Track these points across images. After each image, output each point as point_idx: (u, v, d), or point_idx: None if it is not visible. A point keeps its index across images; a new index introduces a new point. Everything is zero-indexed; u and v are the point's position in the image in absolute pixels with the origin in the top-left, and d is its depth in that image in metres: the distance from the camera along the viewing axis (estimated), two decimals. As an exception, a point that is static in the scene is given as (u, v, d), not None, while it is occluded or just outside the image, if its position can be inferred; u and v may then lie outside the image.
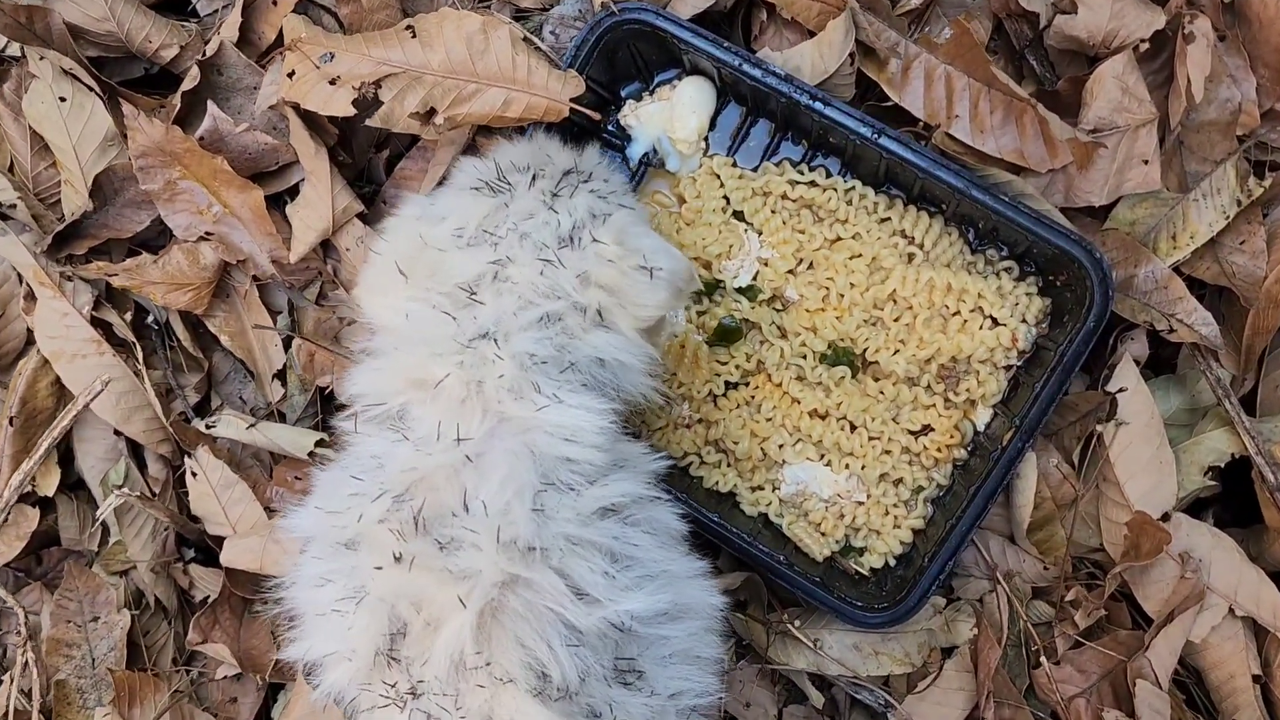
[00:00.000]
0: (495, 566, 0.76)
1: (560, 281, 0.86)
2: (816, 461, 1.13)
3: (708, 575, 0.92)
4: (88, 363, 1.18)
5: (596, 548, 0.80)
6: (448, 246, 0.88)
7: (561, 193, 0.91)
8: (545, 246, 0.87)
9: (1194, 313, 1.06)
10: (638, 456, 0.92)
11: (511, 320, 0.85)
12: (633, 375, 0.91)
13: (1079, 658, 1.08)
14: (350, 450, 0.89)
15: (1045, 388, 1.03)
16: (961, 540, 1.05)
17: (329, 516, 0.84)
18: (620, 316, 0.89)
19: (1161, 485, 1.05)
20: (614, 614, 0.79)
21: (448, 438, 0.82)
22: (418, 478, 0.81)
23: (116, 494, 1.08)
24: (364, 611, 0.79)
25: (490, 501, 0.79)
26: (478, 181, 0.92)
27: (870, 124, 1.05)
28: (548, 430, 0.82)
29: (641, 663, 0.82)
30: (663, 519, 0.90)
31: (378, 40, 1.09)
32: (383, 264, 0.91)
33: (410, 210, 0.94)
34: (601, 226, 0.89)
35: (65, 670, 1.18)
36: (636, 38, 1.11)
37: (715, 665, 0.90)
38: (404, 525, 0.79)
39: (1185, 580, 1.03)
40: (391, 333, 0.90)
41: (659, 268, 0.88)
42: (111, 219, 1.20)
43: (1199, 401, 1.10)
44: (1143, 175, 1.06)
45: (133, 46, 1.18)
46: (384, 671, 0.79)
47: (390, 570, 0.78)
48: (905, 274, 1.10)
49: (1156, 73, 1.10)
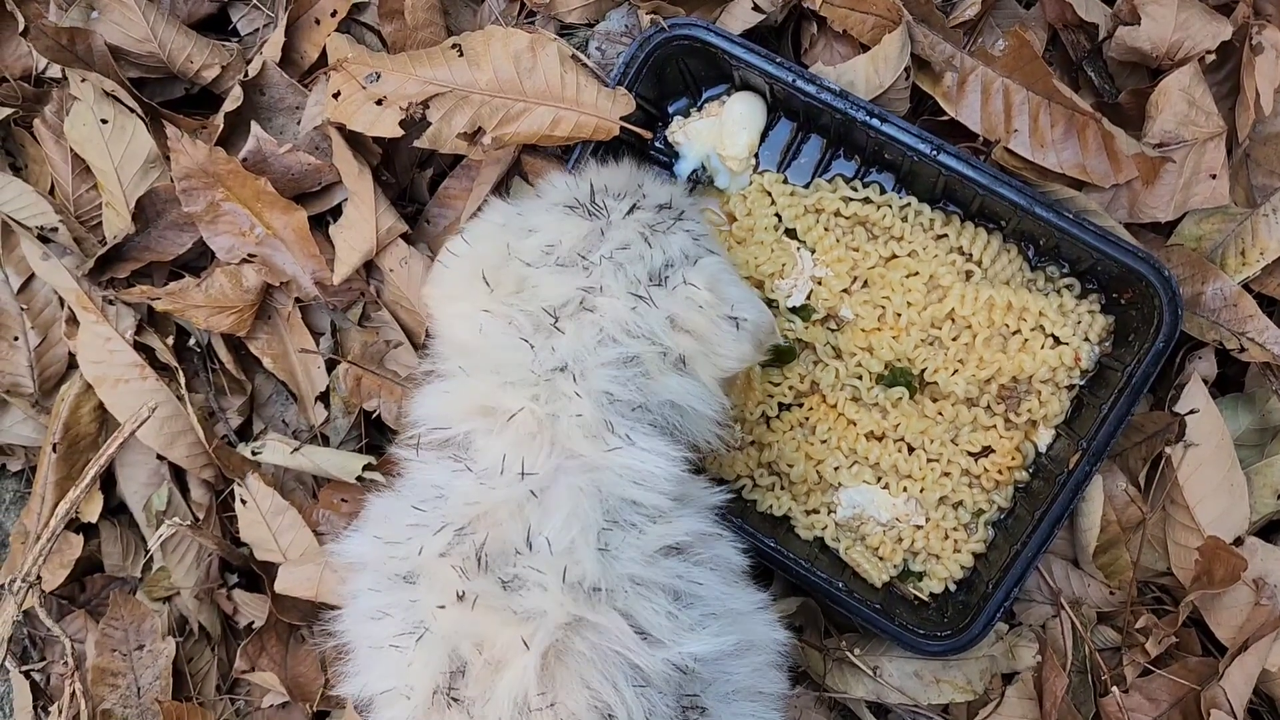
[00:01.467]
0: (560, 608, 0.74)
1: (650, 321, 0.84)
2: (873, 484, 1.10)
3: (768, 608, 0.89)
4: (131, 387, 1.17)
5: (661, 587, 0.78)
6: (536, 263, 0.86)
7: (659, 228, 0.88)
8: (638, 281, 0.85)
9: (1265, 331, 1.03)
10: (699, 492, 0.90)
11: (591, 355, 0.82)
12: (702, 423, 0.89)
13: (1148, 685, 1.05)
14: (409, 478, 0.87)
15: (1113, 409, 1.00)
16: (1028, 566, 1.02)
17: (386, 547, 0.82)
18: (702, 365, 0.86)
19: (1233, 509, 1.03)
20: (677, 655, 0.76)
21: (512, 471, 0.80)
22: (480, 511, 0.79)
23: (168, 524, 1.07)
24: (424, 649, 0.77)
25: (554, 539, 0.77)
26: (572, 200, 0.90)
27: (929, 140, 1.03)
28: (617, 471, 0.80)
29: (704, 699, 0.80)
30: (726, 555, 0.87)
31: (424, 59, 1.07)
32: (464, 268, 0.88)
33: (495, 216, 0.92)
34: (693, 269, 0.87)
35: (111, 700, 1.17)
36: (686, 54, 1.09)
37: (778, 700, 0.88)
38: (466, 561, 0.77)
39: (1261, 607, 1.00)
40: (459, 350, 0.87)
41: (745, 319, 0.86)
42: (154, 241, 1.19)
43: (1270, 421, 1.07)
44: (1210, 190, 1.04)
45: (174, 67, 1.16)
46: (443, 712, 0.77)
47: (453, 609, 0.76)
48: (964, 292, 1.07)
49: (1221, 84, 1.07)
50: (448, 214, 1.18)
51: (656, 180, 0.96)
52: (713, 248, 0.92)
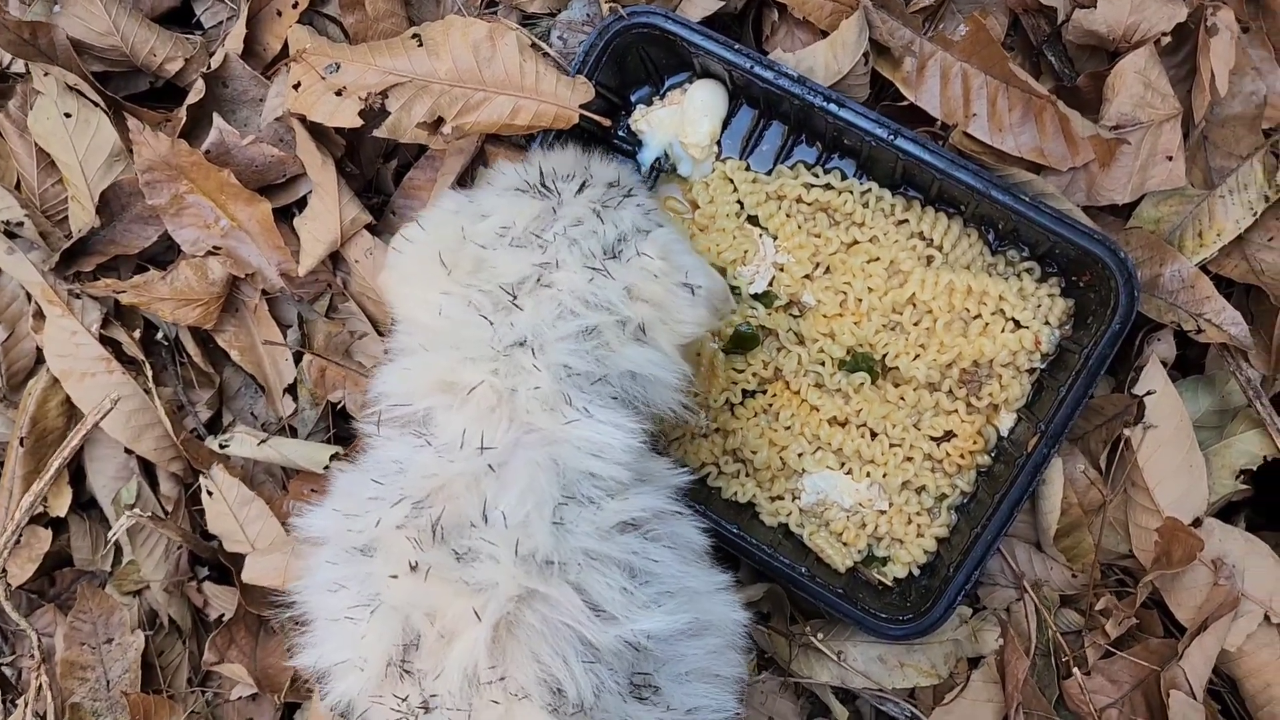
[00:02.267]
0: (512, 580, 0.75)
1: (608, 292, 0.85)
2: (837, 470, 1.10)
3: (730, 589, 0.89)
4: (97, 381, 1.17)
5: (615, 563, 0.79)
6: (491, 244, 0.87)
7: (609, 203, 0.90)
8: (593, 255, 0.86)
9: (1222, 312, 1.03)
10: (661, 471, 0.90)
11: (549, 329, 0.83)
12: (664, 391, 0.90)
13: (1110, 667, 1.05)
14: (371, 453, 0.87)
15: (1070, 391, 1.00)
16: (988, 549, 1.02)
17: (345, 520, 0.82)
18: (661, 332, 0.88)
19: (1192, 490, 1.03)
20: (630, 632, 0.77)
21: (471, 445, 0.80)
22: (438, 485, 0.80)
23: (127, 515, 1.07)
24: (377, 620, 0.78)
25: (510, 512, 0.77)
26: (521, 183, 0.92)
27: (886, 125, 1.03)
28: (575, 444, 0.81)
29: (658, 678, 0.80)
30: (685, 534, 0.88)
31: (384, 50, 1.07)
32: (421, 252, 0.89)
33: (447, 204, 0.93)
34: (646, 240, 0.88)
35: (80, 693, 1.17)
36: (646, 41, 1.09)
37: (734, 683, 0.88)
38: (422, 533, 0.78)
39: (1219, 587, 1.01)
40: (420, 329, 0.88)
41: (699, 285, 0.88)
42: (119, 235, 1.19)
43: (1229, 403, 1.07)
44: (1167, 172, 1.04)
45: (137, 60, 1.17)
46: (395, 684, 0.78)
47: (405, 579, 0.77)
48: (924, 277, 1.07)
49: (1179, 66, 1.08)
50: (413, 205, 1.18)
51: (602, 161, 0.97)
52: (662, 220, 0.94)
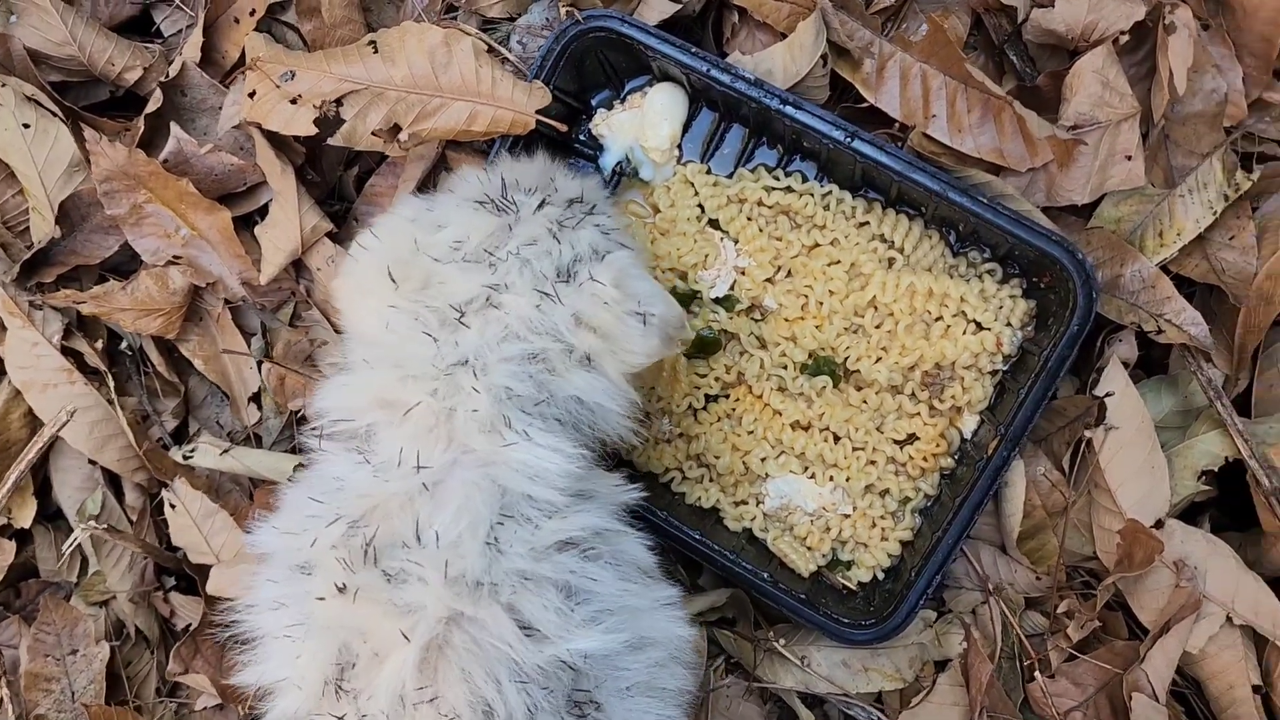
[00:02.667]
0: (440, 602, 0.75)
1: (554, 319, 0.84)
2: (800, 474, 1.10)
3: (676, 604, 0.89)
4: (59, 392, 1.16)
5: (551, 583, 0.78)
6: (444, 258, 0.86)
7: (567, 223, 0.88)
8: (544, 278, 0.84)
9: (1183, 312, 1.02)
10: (609, 488, 0.90)
11: (493, 351, 0.82)
12: (612, 418, 0.89)
13: (1074, 670, 1.05)
14: (314, 469, 0.87)
15: (1029, 393, 1.00)
16: (949, 553, 1.02)
17: (286, 538, 0.82)
18: (608, 361, 0.86)
19: (1154, 491, 1.02)
20: (565, 652, 0.76)
21: (408, 464, 0.80)
22: (373, 504, 0.80)
23: (81, 528, 1.06)
24: (312, 640, 0.78)
25: (443, 533, 0.77)
26: (482, 195, 0.89)
27: (843, 127, 1.02)
28: (512, 466, 0.80)
29: (599, 694, 0.80)
30: (630, 551, 0.87)
31: (339, 57, 1.07)
32: (372, 263, 0.88)
33: (405, 211, 0.92)
34: (600, 265, 0.86)
35: (45, 705, 1.16)
36: (604, 45, 1.08)
37: (679, 696, 0.88)
38: (353, 554, 0.77)
39: (1180, 589, 1.00)
40: (365, 343, 0.88)
41: (652, 314, 0.86)
42: (80, 245, 1.18)
43: (1192, 403, 1.06)
44: (1126, 171, 1.03)
45: (96, 70, 1.16)
46: (332, 702, 0.77)
47: (333, 601, 0.76)
48: (885, 280, 1.07)
49: (1139, 65, 1.07)
50: (375, 211, 1.17)
51: (569, 175, 0.95)
52: (625, 242, 0.91)
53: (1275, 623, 1.00)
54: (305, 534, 0.80)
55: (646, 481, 1.12)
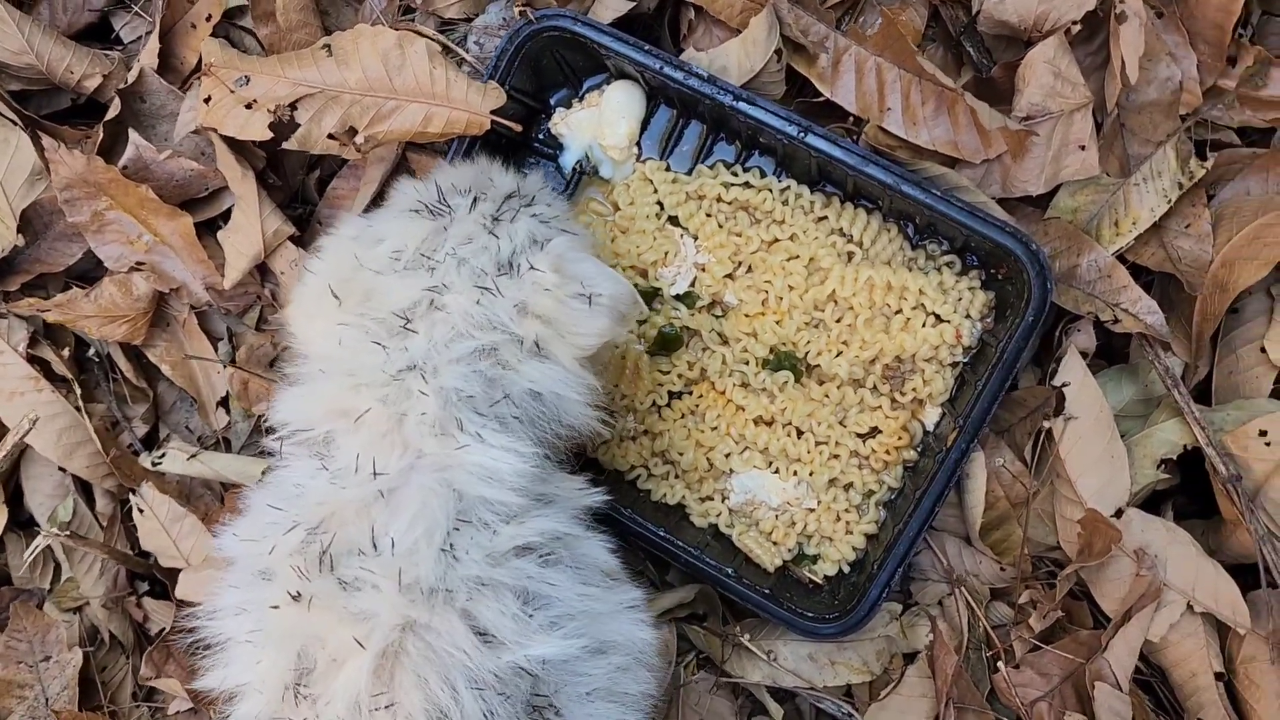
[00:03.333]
0: (393, 610, 0.75)
1: (497, 312, 0.84)
2: (764, 469, 1.10)
3: (639, 607, 0.89)
4: (26, 400, 1.16)
5: (508, 589, 0.78)
6: (384, 270, 0.86)
7: (503, 217, 0.88)
8: (483, 273, 0.85)
9: (1139, 301, 1.02)
10: (571, 491, 0.90)
11: (442, 352, 0.82)
12: (573, 407, 0.89)
13: (1040, 660, 1.05)
14: (276, 474, 0.87)
15: (986, 385, 1.00)
16: (910, 545, 1.02)
17: (247, 544, 0.82)
18: (558, 347, 0.86)
19: (1114, 480, 1.02)
20: (522, 658, 0.76)
21: (365, 471, 0.80)
22: (329, 512, 0.80)
23: (43, 534, 1.07)
24: (271, 647, 0.78)
25: (399, 539, 0.77)
26: (417, 204, 0.90)
27: (796, 122, 1.02)
28: (467, 469, 0.80)
29: (559, 699, 0.80)
30: (591, 554, 0.87)
31: (293, 61, 1.07)
32: (315, 285, 0.88)
33: (347, 230, 0.92)
34: (539, 253, 0.86)
35: (19, 711, 1.17)
36: (559, 45, 1.08)
37: (641, 700, 0.88)
38: (309, 562, 0.78)
39: (1141, 578, 1.00)
40: (321, 358, 0.88)
41: (599, 294, 0.86)
42: (43, 253, 1.19)
43: (1152, 391, 1.06)
44: (1080, 161, 1.03)
45: (55, 78, 1.16)
46: (293, 707, 0.77)
47: (288, 609, 0.77)
48: (844, 274, 1.07)
49: (1094, 55, 1.07)
50: (337, 215, 1.18)
51: (506, 173, 0.95)
52: (567, 227, 0.92)
53: (1235, 610, 1.00)
54: (265, 540, 0.80)
55: (612, 479, 1.12)
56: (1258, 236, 1.01)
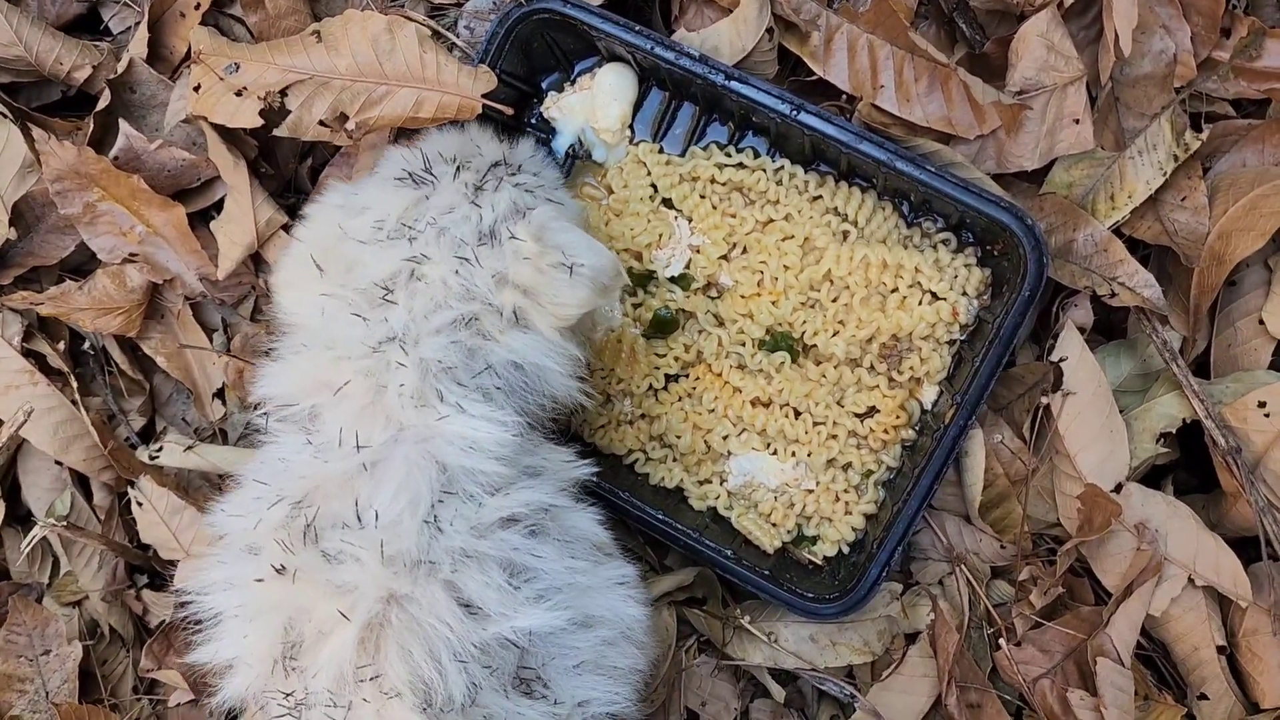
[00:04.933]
0: (375, 582, 0.75)
1: (475, 282, 0.84)
2: (762, 451, 1.10)
3: (629, 583, 0.89)
4: (21, 394, 1.16)
5: (494, 560, 0.78)
6: (367, 239, 0.86)
7: (486, 186, 0.88)
8: (463, 243, 0.84)
9: (1136, 275, 1.02)
10: (559, 464, 0.90)
11: (422, 323, 0.82)
12: (554, 378, 0.89)
13: (1042, 637, 1.05)
14: (262, 450, 0.87)
15: (983, 362, 0.99)
16: (909, 523, 1.01)
17: (235, 520, 0.83)
18: (538, 317, 0.86)
19: (1114, 455, 1.02)
20: (508, 629, 0.76)
21: (348, 444, 0.80)
22: (313, 485, 0.80)
23: (40, 524, 1.06)
24: (258, 620, 0.79)
25: (383, 511, 0.77)
26: (401, 172, 0.89)
27: (789, 100, 1.02)
28: (448, 439, 0.80)
29: (547, 671, 0.80)
30: (581, 527, 0.87)
31: (283, 48, 1.06)
32: (300, 254, 0.89)
33: (333, 198, 0.92)
34: (520, 222, 0.86)
35: (19, 706, 1.17)
36: (549, 27, 1.08)
37: (630, 675, 0.88)
38: (293, 535, 0.78)
39: (1142, 552, 1.00)
40: (303, 330, 0.88)
41: (580, 264, 0.85)
42: (36, 246, 1.18)
43: (1151, 365, 1.06)
44: (1075, 135, 1.02)
45: (44, 70, 1.16)
46: (282, 680, 0.78)
47: (272, 583, 0.77)
48: (839, 253, 1.06)
49: (1087, 29, 1.06)
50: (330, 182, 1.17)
51: (494, 140, 0.95)
52: (554, 197, 0.91)
53: (1237, 583, 1.00)
54: (252, 515, 0.81)
55: (610, 463, 1.12)
56: (1254, 208, 1.00)
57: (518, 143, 0.96)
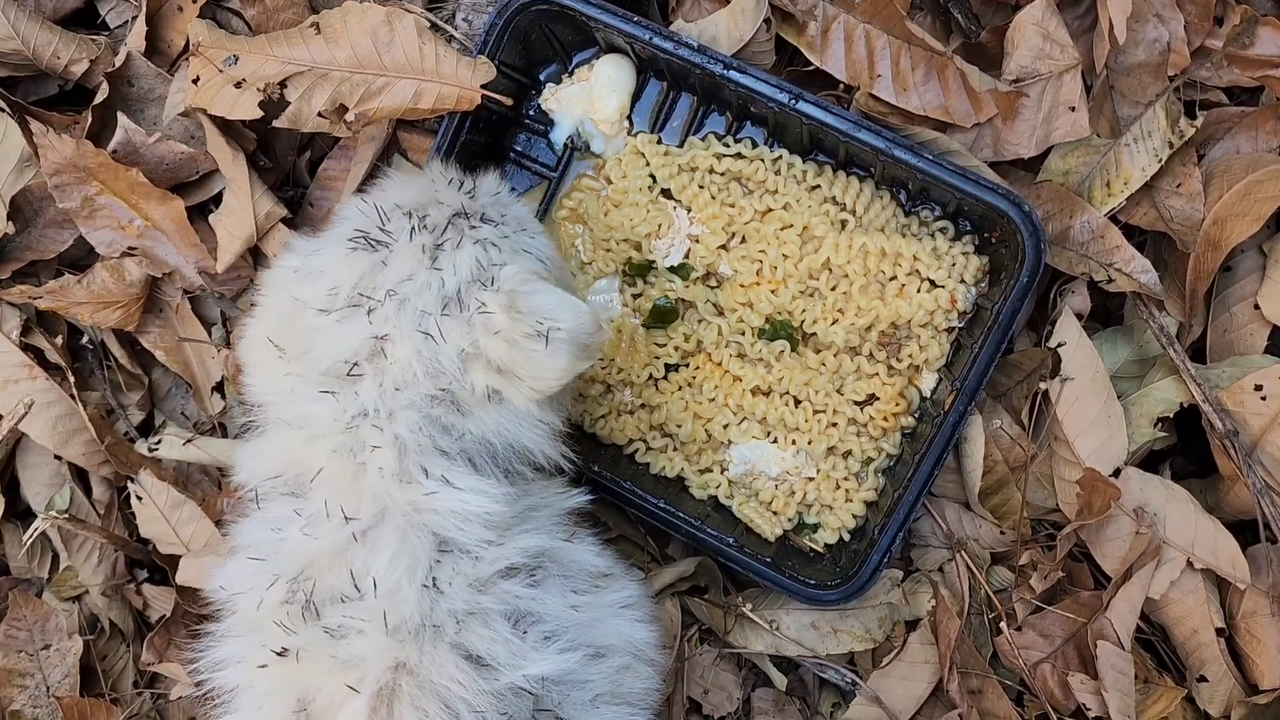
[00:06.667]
0: (381, 653, 0.75)
1: (440, 359, 0.79)
2: (763, 439, 1.10)
3: (633, 605, 0.89)
4: (19, 388, 1.16)
5: (499, 613, 0.78)
6: (325, 307, 0.81)
7: (445, 245, 0.81)
8: (425, 314, 0.79)
9: (1132, 261, 1.03)
10: (552, 497, 0.88)
11: (394, 397, 0.79)
12: (533, 445, 0.85)
13: (1041, 622, 1.05)
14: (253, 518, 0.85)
15: (983, 348, 1.00)
16: (910, 510, 1.02)
17: (236, 597, 0.83)
18: (515, 393, 0.81)
19: (1112, 440, 1.02)
20: (521, 679, 0.76)
21: (336, 517, 0.78)
22: (307, 561, 0.79)
23: (42, 517, 1.06)
24: (268, 700, 0.79)
25: (381, 579, 0.76)
26: (354, 233, 0.83)
27: (787, 89, 1.02)
28: (438, 513, 0.78)
29: (564, 709, 0.79)
30: (578, 560, 0.86)
31: (282, 40, 1.06)
32: (257, 334, 0.85)
33: (289, 260, 0.88)
34: (487, 289, 0.80)
35: (20, 701, 1.17)
36: (548, 18, 1.08)
37: (646, 697, 0.87)
38: (292, 616, 0.77)
39: (1140, 536, 1.01)
40: (274, 405, 0.85)
41: (556, 328, 0.79)
42: (34, 240, 1.18)
43: (1147, 351, 1.07)
44: (1071, 123, 1.03)
45: (41, 64, 1.16)
46: None
47: (277, 666, 0.77)
48: (838, 241, 1.07)
49: (1082, 17, 1.07)
50: (330, 196, 1.18)
51: (453, 186, 0.88)
52: (520, 243, 0.86)
53: (1235, 565, 1.00)
54: (252, 592, 0.80)
55: (610, 453, 1.12)
56: (1248, 193, 1.01)
57: (480, 182, 0.91)
